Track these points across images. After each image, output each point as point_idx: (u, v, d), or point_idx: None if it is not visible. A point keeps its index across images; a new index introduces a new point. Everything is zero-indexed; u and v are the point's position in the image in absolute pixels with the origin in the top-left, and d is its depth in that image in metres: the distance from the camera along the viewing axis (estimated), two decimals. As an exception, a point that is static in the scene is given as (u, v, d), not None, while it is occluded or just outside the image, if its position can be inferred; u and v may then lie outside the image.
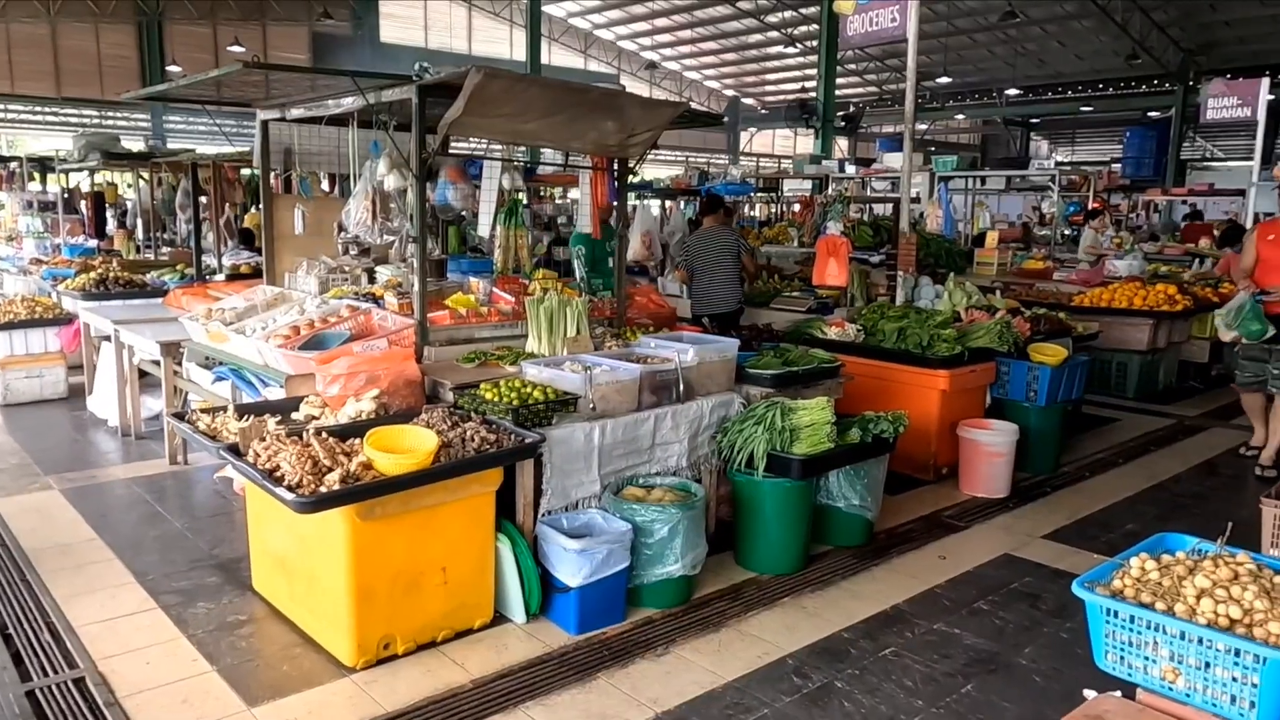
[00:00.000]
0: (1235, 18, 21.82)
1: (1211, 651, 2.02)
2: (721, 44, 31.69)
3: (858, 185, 14.50)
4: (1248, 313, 5.65)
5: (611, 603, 3.66)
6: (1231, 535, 2.50)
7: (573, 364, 4.14)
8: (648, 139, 4.87)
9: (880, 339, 5.72)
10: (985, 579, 4.19)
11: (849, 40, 6.91)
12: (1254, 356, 5.97)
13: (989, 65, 28.09)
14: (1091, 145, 39.06)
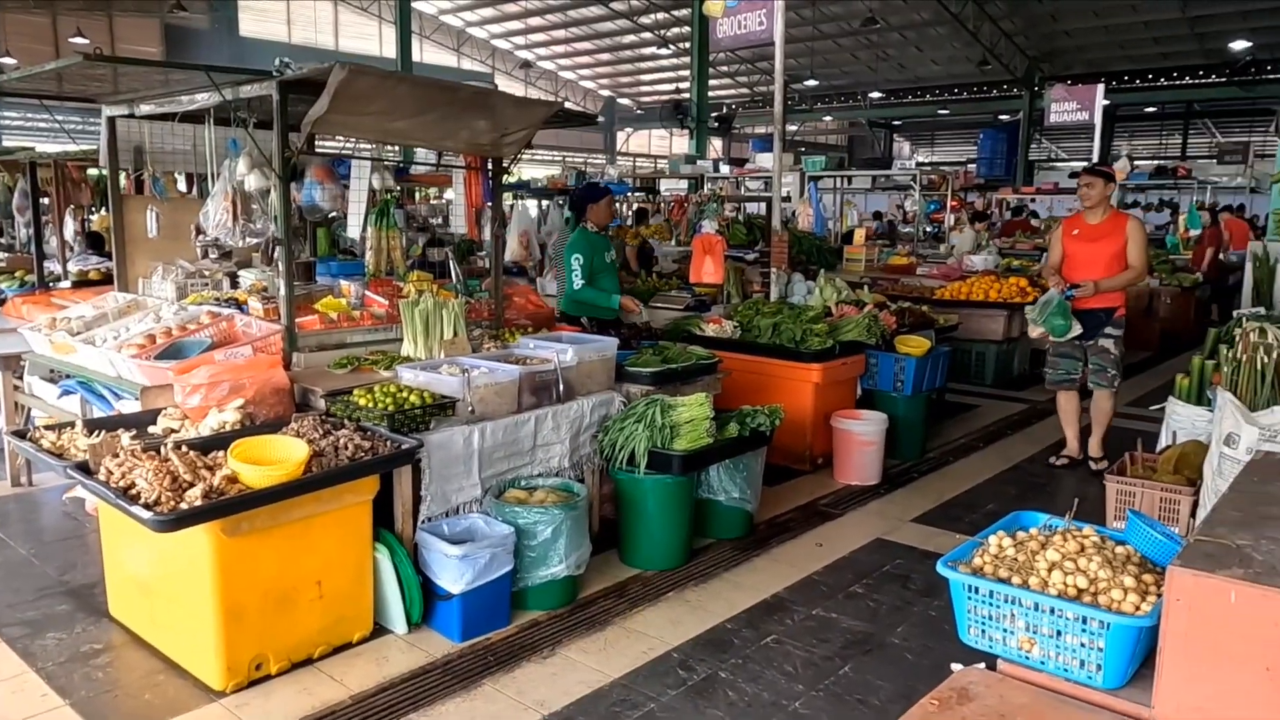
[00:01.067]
0: (1074, 28, 23.39)
1: (1062, 620, 2.16)
2: (596, 44, 31.78)
3: (732, 185, 14.82)
4: (1054, 309, 5.48)
5: (496, 607, 3.61)
6: (1079, 510, 2.68)
7: (450, 367, 4.07)
8: (521, 138, 4.83)
9: (756, 335, 5.86)
10: (860, 563, 4.35)
11: (719, 43, 7.04)
12: (1065, 353, 5.81)
13: (853, 69, 29.18)
14: (950, 146, 41.07)
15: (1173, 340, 10.53)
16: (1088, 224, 5.66)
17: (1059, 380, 5.90)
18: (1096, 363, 5.75)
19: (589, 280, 5.67)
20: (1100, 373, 5.74)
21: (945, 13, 22.10)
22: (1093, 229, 5.63)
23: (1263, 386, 4.28)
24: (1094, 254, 5.57)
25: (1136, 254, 5.54)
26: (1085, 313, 5.56)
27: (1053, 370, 5.91)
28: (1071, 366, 5.84)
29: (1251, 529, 2.18)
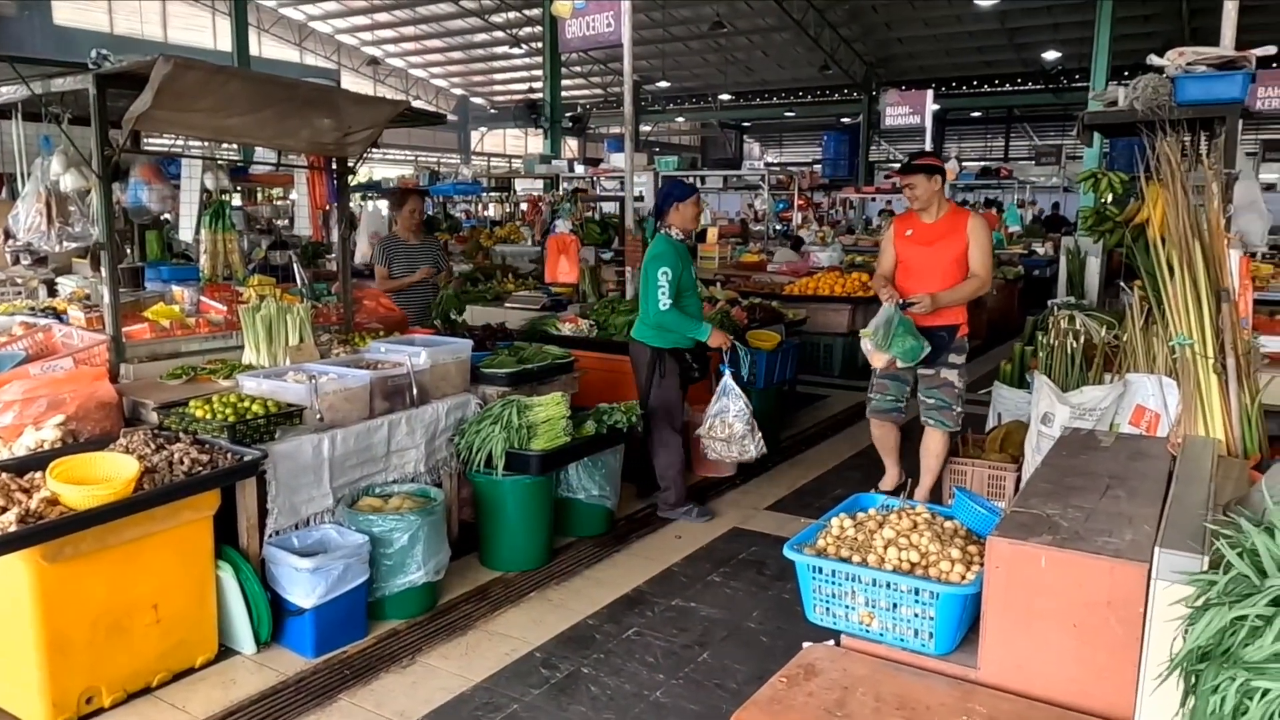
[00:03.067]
0: (906, 36, 24.74)
1: (897, 593, 2.29)
2: (447, 42, 31.18)
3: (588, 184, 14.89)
4: (898, 329, 4.40)
5: (351, 619, 3.51)
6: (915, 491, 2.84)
7: (296, 374, 3.92)
8: (367, 137, 4.70)
9: (612, 333, 5.91)
10: (717, 552, 4.47)
11: (568, 44, 7.06)
12: (894, 375, 4.75)
13: (704, 71, 29.82)
14: (797, 147, 42.64)
15: (1000, 329, 11.32)
16: (922, 223, 4.68)
17: (885, 409, 4.84)
18: (935, 397, 4.68)
19: (675, 301, 4.72)
20: (940, 409, 4.67)
21: (788, 18, 22.91)
22: (928, 229, 4.64)
23: (1073, 369, 4.67)
24: (930, 259, 4.59)
25: (980, 259, 4.55)
26: (921, 332, 4.52)
27: (879, 396, 4.83)
28: (900, 393, 4.80)
29: (1059, 499, 2.38)
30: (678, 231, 4.89)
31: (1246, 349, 2.85)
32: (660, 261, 4.72)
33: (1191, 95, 4.23)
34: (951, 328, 4.67)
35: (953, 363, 4.69)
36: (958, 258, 4.59)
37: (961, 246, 4.58)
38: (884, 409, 4.84)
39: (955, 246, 4.58)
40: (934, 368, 4.66)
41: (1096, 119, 4.61)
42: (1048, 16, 21.31)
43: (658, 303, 4.70)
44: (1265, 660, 1.40)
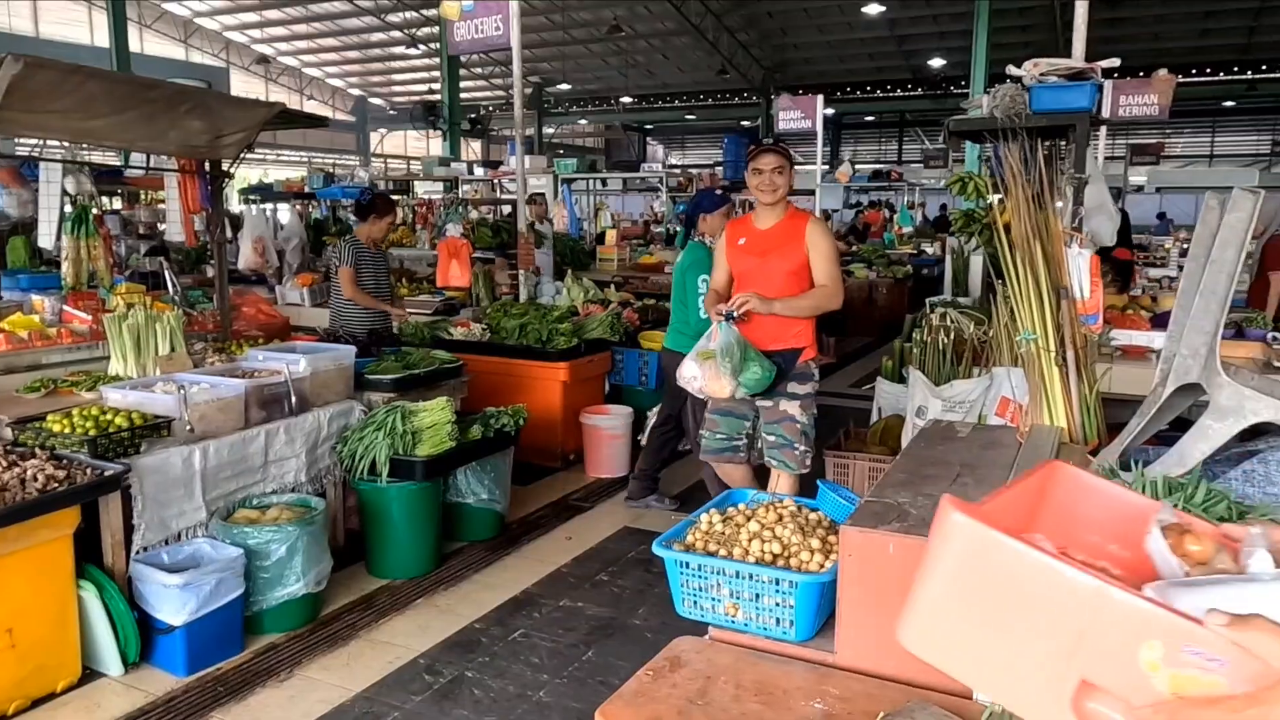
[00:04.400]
0: (801, 42, 25.37)
1: (759, 584, 2.37)
2: (342, 41, 30.45)
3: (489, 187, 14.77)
4: (744, 351, 3.59)
5: (226, 635, 3.42)
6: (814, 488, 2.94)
7: (166, 384, 3.79)
8: (241, 140, 4.58)
9: (504, 336, 5.91)
10: (606, 552, 4.51)
11: (457, 46, 7.00)
12: (727, 410, 3.87)
13: (605, 74, 29.92)
14: (700, 150, 43.15)
15: (891, 327, 11.71)
16: (756, 229, 3.91)
17: (717, 450, 3.92)
18: (776, 433, 3.83)
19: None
20: (782, 448, 3.82)
21: (686, 23, 23.19)
22: (762, 236, 3.88)
23: (944, 363, 4.89)
24: (768, 272, 3.82)
25: (825, 267, 3.82)
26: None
27: (709, 435, 3.93)
28: (735, 429, 3.90)
29: (912, 488, 2.50)
30: (709, 239, 4.87)
31: (1085, 343, 3.04)
32: (699, 269, 4.67)
33: (1045, 104, 4.48)
34: (792, 352, 3.82)
35: (794, 393, 3.82)
36: (797, 269, 3.83)
37: (801, 255, 3.82)
38: (716, 449, 3.92)
39: (794, 255, 3.82)
40: (772, 399, 3.80)
41: (961, 125, 4.84)
42: (933, 25, 22.15)
43: (698, 310, 4.57)
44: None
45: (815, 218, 4.10)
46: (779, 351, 3.79)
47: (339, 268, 5.58)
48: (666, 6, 22.35)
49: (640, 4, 22.76)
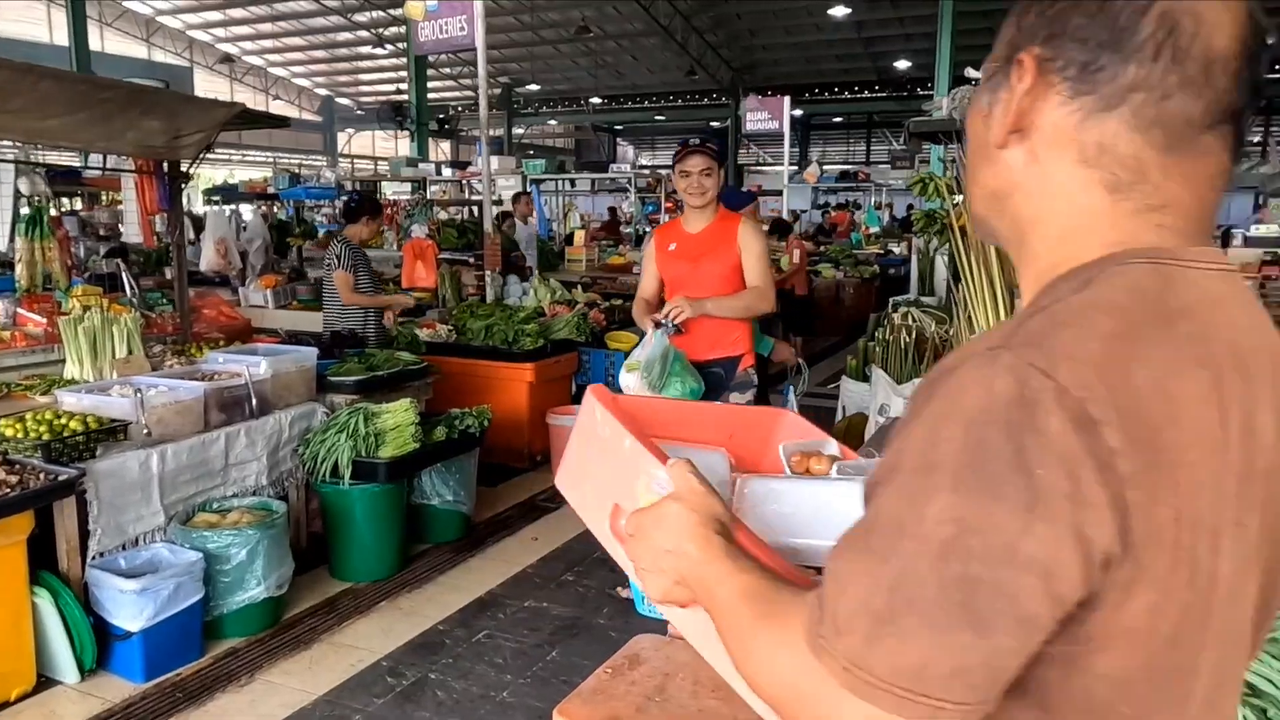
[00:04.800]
0: (769, 43, 25.50)
1: (717, 581, 2.39)
2: (308, 40, 30.16)
3: (457, 188, 14.71)
4: (675, 365, 3.38)
5: (185, 640, 3.38)
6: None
7: (122, 388, 3.75)
8: (201, 140, 4.53)
9: (470, 337, 5.89)
10: (572, 553, 4.52)
11: (422, 46, 6.98)
12: None
13: (574, 75, 29.91)
14: (670, 150, 43.13)
15: (857, 326, 11.82)
16: (686, 234, 3.80)
17: None
18: None
19: None
20: None
21: (655, 24, 23.24)
22: (693, 241, 3.76)
23: (906, 362, 4.95)
24: (701, 277, 3.70)
25: (757, 268, 3.71)
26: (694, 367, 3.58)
27: None
28: None
29: (867, 484, 2.53)
30: None
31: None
32: None
33: (1002, 105, 4.55)
34: (730, 360, 3.71)
35: (735, 403, 3.61)
36: (729, 272, 3.71)
37: (734, 258, 3.70)
38: None
39: (726, 258, 3.70)
40: None
41: (921, 127, 4.91)
42: (899, 28, 22.37)
43: None
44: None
45: (747, 220, 3.94)
46: (719, 360, 3.70)
47: (334, 271, 5.40)
48: (635, 7, 22.38)
49: (609, 4, 22.78)
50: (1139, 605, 0.67)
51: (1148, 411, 0.66)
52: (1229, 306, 0.76)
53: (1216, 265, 0.77)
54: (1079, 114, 0.76)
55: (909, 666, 0.64)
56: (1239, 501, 0.71)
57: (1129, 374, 0.67)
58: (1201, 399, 0.69)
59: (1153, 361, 0.68)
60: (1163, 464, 0.66)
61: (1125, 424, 0.65)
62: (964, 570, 0.63)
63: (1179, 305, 0.73)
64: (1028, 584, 0.63)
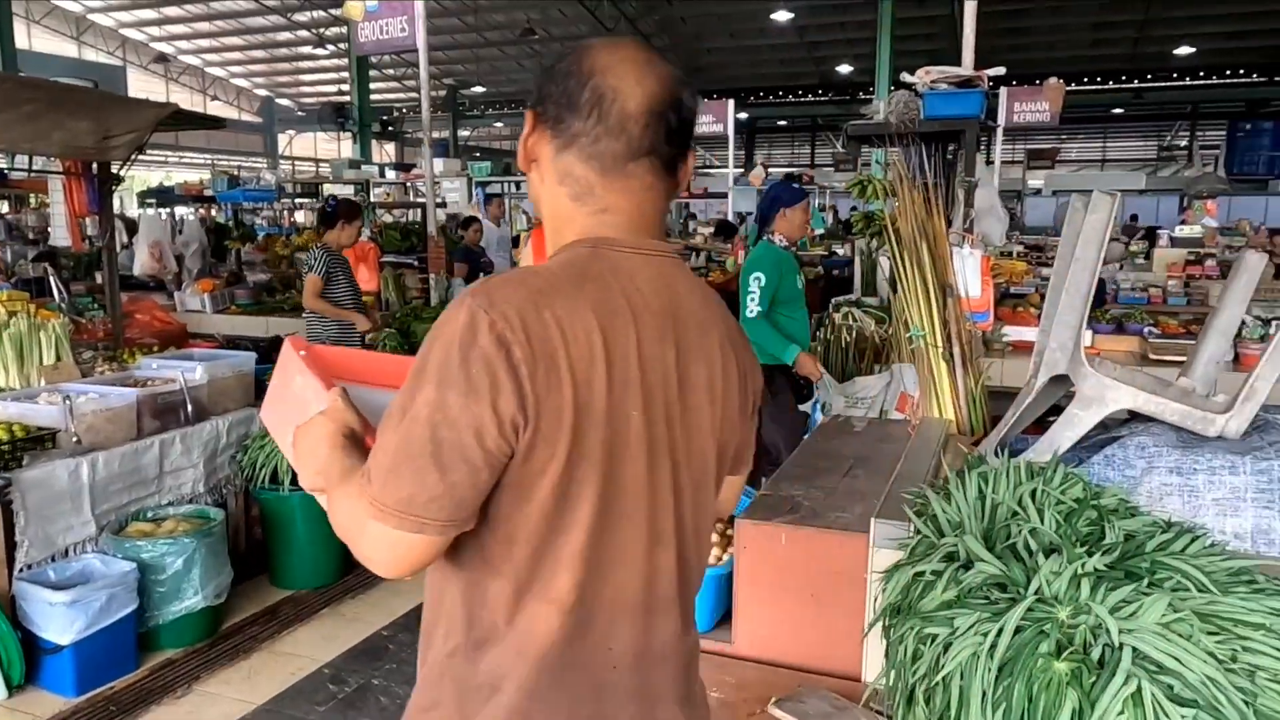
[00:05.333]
0: (715, 47, 25.70)
1: (658, 578, 2.42)
2: (247, 40, 29.57)
3: (401, 190, 14.55)
4: None
5: (119, 652, 3.31)
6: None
7: (50, 395, 3.65)
8: (132, 141, 4.43)
9: (417, 339, 5.85)
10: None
11: (362, 46, 6.90)
12: None
13: (521, 77, 29.77)
14: (617, 153, 43.22)
15: (802, 326, 11.96)
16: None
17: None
18: None
19: (768, 311, 4.24)
20: None
21: (601, 26, 23.27)
22: None
23: (848, 361, 5.04)
24: None
25: None
26: None
27: None
28: None
29: (805, 481, 2.58)
30: (782, 238, 4.42)
31: (970, 339, 3.18)
32: (755, 266, 4.27)
33: (936, 110, 4.67)
34: None
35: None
36: None
37: None
38: None
39: None
40: None
41: (859, 130, 4.99)
42: (841, 32, 22.73)
43: (745, 311, 4.24)
44: (936, 609, 1.59)
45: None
46: None
47: (306, 275, 5.26)
48: (580, 9, 22.40)
49: (554, 7, 22.75)
50: (541, 456, 1.03)
51: (546, 337, 1.02)
52: (635, 275, 1.13)
53: (642, 249, 1.16)
54: (555, 150, 1.14)
55: (405, 497, 1.00)
56: (625, 399, 1.08)
57: (539, 313, 1.02)
58: (589, 331, 1.05)
59: (557, 306, 1.04)
60: (554, 370, 1.02)
61: (530, 344, 1.00)
62: (434, 434, 0.99)
63: (593, 273, 1.10)
64: (469, 440, 0.99)
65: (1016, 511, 1.69)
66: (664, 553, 1.17)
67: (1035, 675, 1.34)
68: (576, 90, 1.12)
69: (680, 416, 1.16)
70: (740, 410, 1.26)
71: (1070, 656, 1.34)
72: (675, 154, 1.18)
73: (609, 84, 1.12)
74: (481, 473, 1.02)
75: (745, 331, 1.31)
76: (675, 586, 1.20)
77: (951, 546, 1.66)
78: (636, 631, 1.17)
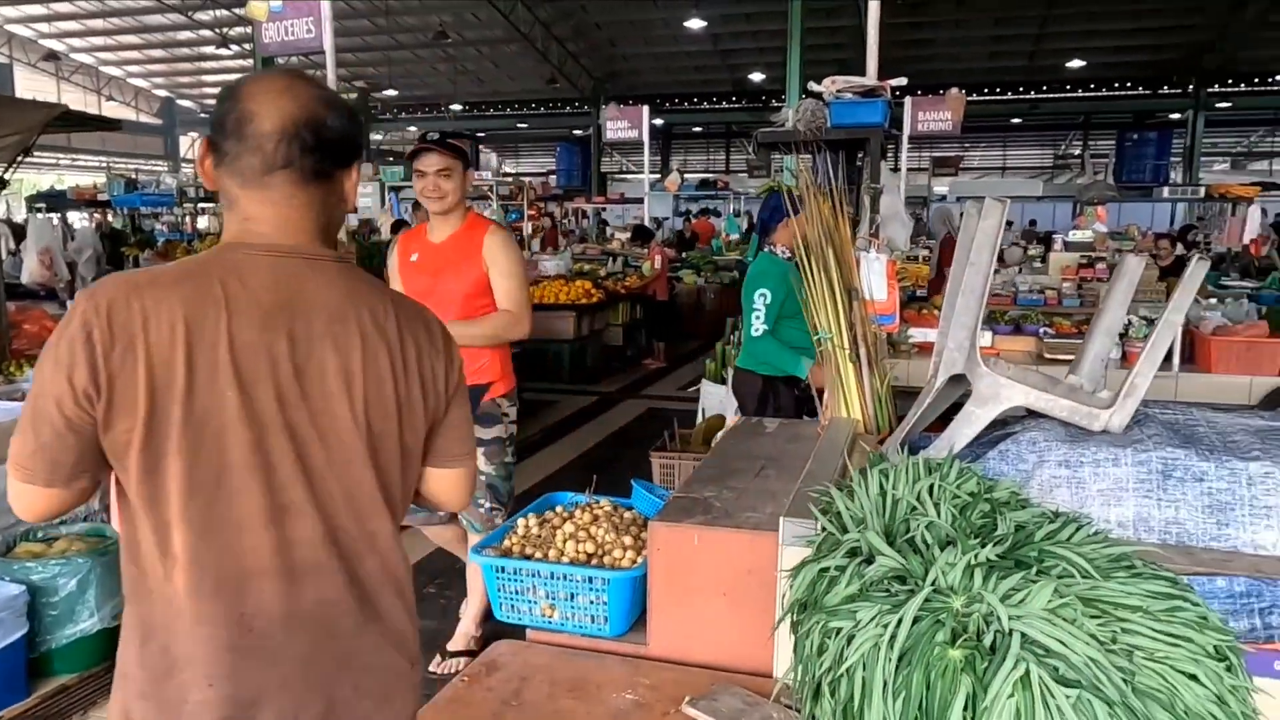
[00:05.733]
0: (630, 53, 25.87)
1: (573, 583, 2.42)
2: (145, 39, 28.45)
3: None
4: None
5: (8, 681, 3.14)
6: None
7: (-71, 410, 3.45)
8: (16, 143, 4.22)
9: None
10: (433, 565, 4.45)
11: (266, 48, 6.72)
12: None
13: (434, 80, 29.41)
14: (534, 158, 43.12)
15: (719, 330, 12.10)
16: (430, 243, 3.39)
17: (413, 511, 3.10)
18: None
19: (773, 327, 4.08)
20: (473, 504, 3.56)
21: (515, 31, 23.16)
22: (436, 251, 3.36)
23: (760, 363, 5.12)
24: (442, 294, 3.22)
25: (506, 288, 3.31)
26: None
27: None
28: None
29: (718, 482, 2.62)
30: (784, 249, 4.21)
31: (875, 340, 3.28)
32: (760, 282, 4.10)
33: (842, 119, 4.80)
34: (479, 388, 3.32)
35: (478, 438, 3.13)
36: (476, 290, 3.30)
37: (479, 273, 3.30)
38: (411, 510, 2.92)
39: (470, 273, 3.30)
40: None
41: (768, 137, 5.09)
42: (753, 41, 23.13)
43: (749, 327, 4.13)
44: (840, 604, 1.64)
45: (497, 227, 3.43)
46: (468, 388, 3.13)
47: None
48: (495, 14, 22.25)
49: (468, 11, 22.54)
50: (122, 427, 1.22)
51: (128, 323, 1.21)
52: (250, 273, 1.29)
53: (274, 251, 1.33)
54: (214, 168, 1.36)
55: (14, 453, 1.24)
56: (215, 379, 1.24)
57: (129, 303, 1.21)
58: (173, 320, 1.22)
59: (146, 297, 1.22)
60: (131, 351, 1.20)
61: (111, 329, 1.20)
62: (34, 402, 1.23)
63: (199, 270, 1.29)
64: (51, 407, 1.21)
65: (915, 506, 1.75)
66: (298, 523, 1.31)
67: (932, 663, 1.40)
68: (226, 115, 1.33)
69: (301, 399, 1.30)
70: (403, 399, 1.39)
71: (964, 644, 1.40)
72: (318, 167, 1.35)
73: (248, 108, 1.32)
74: (66, 437, 1.23)
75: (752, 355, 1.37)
76: (327, 554, 1.33)
77: (855, 542, 1.71)
78: (277, 595, 1.29)
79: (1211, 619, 1.49)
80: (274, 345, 1.28)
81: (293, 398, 1.29)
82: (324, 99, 1.35)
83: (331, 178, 1.38)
